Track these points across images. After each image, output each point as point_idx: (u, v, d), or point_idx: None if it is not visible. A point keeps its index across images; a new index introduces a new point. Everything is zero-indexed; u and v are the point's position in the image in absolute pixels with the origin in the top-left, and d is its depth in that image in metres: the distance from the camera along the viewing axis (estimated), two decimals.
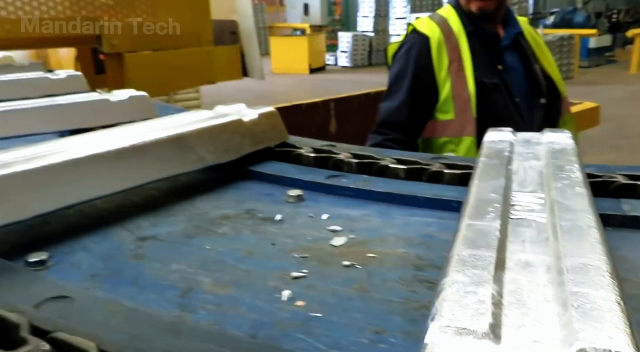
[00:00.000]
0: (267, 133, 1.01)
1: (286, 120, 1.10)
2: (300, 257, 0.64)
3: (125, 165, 0.78)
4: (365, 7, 15.67)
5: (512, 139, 0.82)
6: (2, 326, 0.45)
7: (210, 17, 2.30)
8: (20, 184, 0.68)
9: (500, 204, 0.55)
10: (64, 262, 0.64)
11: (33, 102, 1.20)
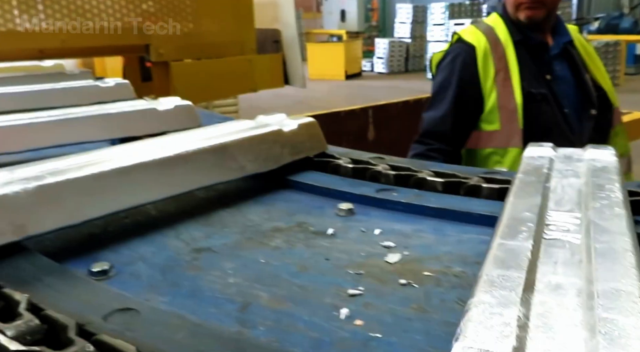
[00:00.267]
0: (307, 143, 1.03)
1: (324, 127, 1.11)
2: (355, 273, 0.64)
3: (169, 173, 0.81)
4: (403, 14, 15.60)
5: (552, 155, 0.81)
6: (52, 327, 0.48)
7: (254, 26, 2.33)
8: (72, 190, 0.71)
9: (535, 223, 0.55)
10: (124, 272, 0.65)
11: (85, 111, 1.25)
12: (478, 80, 1.79)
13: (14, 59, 2.20)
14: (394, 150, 4.51)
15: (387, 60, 15.44)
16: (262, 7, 2.37)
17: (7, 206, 0.65)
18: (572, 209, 0.60)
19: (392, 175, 0.91)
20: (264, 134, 0.96)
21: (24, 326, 0.48)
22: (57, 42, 1.90)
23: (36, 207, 0.67)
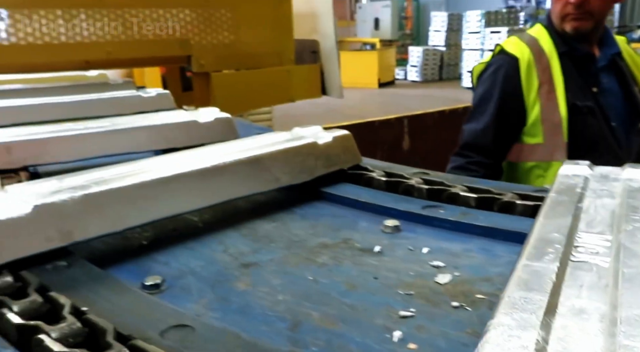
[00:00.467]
0: (341, 156, 1.04)
1: (359, 137, 1.11)
2: (406, 294, 0.63)
3: (206, 183, 0.84)
4: (437, 22, 15.48)
5: (587, 174, 0.78)
6: (93, 330, 0.50)
7: (292, 37, 2.35)
8: (115, 199, 0.74)
9: (563, 244, 0.54)
10: (175, 286, 0.66)
11: (129, 122, 1.29)
12: (521, 92, 1.75)
13: (61, 70, 2.28)
14: (429, 160, 4.50)
15: (421, 68, 15.34)
16: (301, 18, 2.39)
17: (55, 214, 0.68)
18: (603, 231, 0.59)
19: (435, 191, 0.90)
20: (299, 146, 0.98)
21: (67, 329, 0.50)
22: (103, 53, 1.96)
23: (82, 215, 0.70)
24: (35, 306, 0.55)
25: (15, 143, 1.11)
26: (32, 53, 1.84)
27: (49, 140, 1.14)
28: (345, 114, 9.39)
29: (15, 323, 0.51)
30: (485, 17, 13.38)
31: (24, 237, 0.65)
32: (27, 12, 1.78)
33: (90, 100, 1.76)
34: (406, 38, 18.69)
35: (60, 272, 0.63)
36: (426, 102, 11.75)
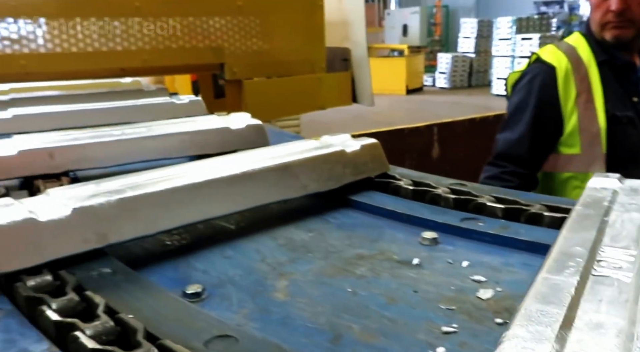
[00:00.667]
0: (369, 164, 1.05)
1: (388, 144, 1.10)
2: (447, 308, 0.62)
3: (236, 189, 0.86)
4: (467, 28, 15.33)
5: (617, 187, 0.76)
6: (124, 330, 0.53)
7: (324, 45, 2.36)
8: (149, 203, 0.77)
9: (585, 258, 0.53)
10: (215, 295, 0.66)
11: (165, 130, 1.32)
12: (558, 102, 1.72)
13: (98, 77, 2.34)
14: (459, 168, 4.44)
15: (450, 75, 15.20)
16: (332, 26, 2.40)
17: (92, 216, 0.71)
18: (627, 245, 0.58)
19: (476, 204, 0.88)
20: (327, 154, 0.99)
21: (101, 327, 0.53)
22: (139, 61, 2.00)
23: (117, 218, 0.73)
24: (72, 304, 0.58)
25: (57, 148, 1.15)
26: (71, 61, 1.89)
27: (88, 146, 1.19)
28: (372, 120, 9.35)
29: (53, 320, 0.54)
30: (516, 23, 13.19)
31: (63, 238, 0.68)
32: (66, 21, 1.83)
33: (125, 106, 1.81)
34: (435, 44, 18.55)
35: (105, 279, 0.64)
36: (455, 109, 11.63)
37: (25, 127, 1.51)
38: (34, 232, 0.66)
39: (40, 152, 1.12)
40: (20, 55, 1.79)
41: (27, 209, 0.68)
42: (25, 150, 1.11)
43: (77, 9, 1.86)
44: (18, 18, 1.77)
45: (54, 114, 1.68)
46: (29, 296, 0.59)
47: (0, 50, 1.75)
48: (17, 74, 1.85)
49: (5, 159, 1.08)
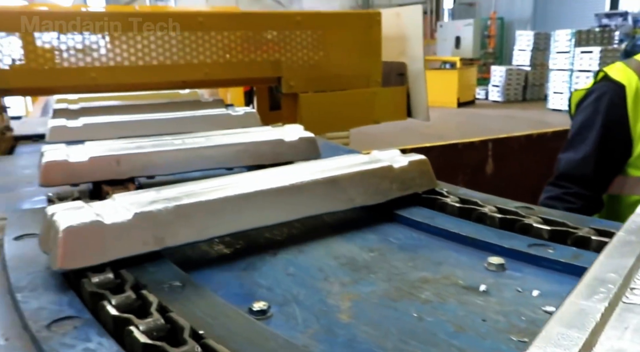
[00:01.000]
0: (416, 180, 1.06)
1: (440, 159, 1.10)
2: (519, 341, 0.60)
3: (284, 200, 0.90)
4: (523, 41, 14.95)
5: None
6: (173, 328, 0.57)
7: (380, 60, 2.36)
8: (203, 210, 0.81)
9: (617, 285, 0.52)
10: (280, 313, 0.67)
11: (222, 141, 1.38)
12: (627, 121, 1.64)
13: (161, 89, 2.43)
14: (513, 185, 4.28)
15: (504, 88, 14.84)
16: (389, 41, 2.40)
17: (151, 221, 0.76)
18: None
19: (545, 231, 0.85)
20: (374, 169, 1.01)
21: (153, 324, 0.57)
22: (200, 74, 2.06)
23: (173, 223, 0.78)
24: (129, 301, 0.63)
25: (123, 156, 1.22)
26: (137, 73, 1.97)
27: (152, 154, 1.26)
28: (421, 133, 9.24)
29: (112, 315, 0.58)
30: (575, 36, 12.74)
31: (125, 240, 0.74)
32: (133, 36, 1.92)
33: (185, 117, 1.89)
34: (488, 57, 18.19)
35: (175, 293, 0.66)
36: (508, 123, 11.33)
37: (94, 135, 1.59)
38: (99, 233, 0.72)
39: (108, 158, 1.20)
40: (91, 68, 1.88)
41: (94, 212, 0.74)
42: (95, 157, 1.18)
43: (144, 25, 1.94)
44: (90, 33, 1.86)
45: (120, 123, 1.78)
46: (93, 291, 0.64)
47: (73, 63, 1.85)
48: (87, 86, 1.95)
49: (77, 165, 1.16)
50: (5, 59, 1.76)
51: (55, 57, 1.83)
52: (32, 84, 1.85)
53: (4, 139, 1.99)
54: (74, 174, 1.16)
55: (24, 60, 1.79)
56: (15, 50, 1.77)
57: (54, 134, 1.61)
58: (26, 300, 0.65)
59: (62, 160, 1.15)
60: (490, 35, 18.47)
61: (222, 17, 2.20)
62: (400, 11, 2.51)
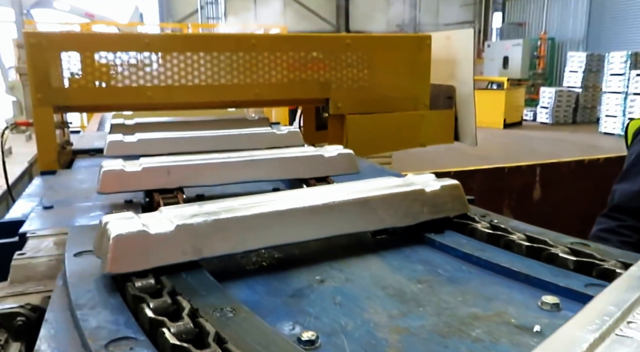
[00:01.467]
0: (448, 204, 1.08)
1: (486, 182, 1.09)
2: None
3: (316, 218, 0.96)
4: (575, 62, 14.55)
5: None
6: (200, 332, 0.62)
7: (429, 83, 2.35)
8: (238, 225, 0.88)
9: (614, 318, 0.52)
10: (329, 344, 0.67)
11: (263, 155, 1.48)
12: None
13: (213, 108, 2.50)
14: (561, 212, 4.13)
15: (552, 110, 14.45)
16: (438, 64, 2.38)
17: (191, 233, 0.83)
18: None
19: (603, 270, 0.82)
20: (406, 192, 1.05)
21: (183, 327, 0.63)
22: (251, 95, 2.11)
23: (211, 236, 0.85)
24: (165, 305, 0.69)
25: (173, 167, 1.35)
26: (190, 93, 2.03)
27: (199, 166, 1.38)
28: (465, 153, 9.06)
29: (149, 317, 0.64)
30: (631, 58, 12.31)
31: (167, 249, 0.81)
32: (189, 57, 1.98)
33: (232, 135, 1.98)
34: (537, 78, 17.78)
35: (227, 319, 0.67)
36: (557, 146, 11.00)
37: (148, 149, 1.72)
38: (144, 242, 0.79)
39: (159, 169, 1.33)
40: (148, 87, 1.95)
41: (142, 222, 0.82)
42: (148, 167, 1.32)
43: (200, 46, 2.01)
44: (148, 54, 1.94)
45: (172, 139, 1.88)
46: (135, 294, 0.71)
47: (132, 84, 1.93)
48: (144, 104, 2.02)
49: (132, 174, 1.30)
50: (68, 77, 1.86)
51: (114, 76, 1.91)
52: (92, 102, 1.94)
53: (64, 153, 2.08)
54: (129, 182, 1.29)
55: (85, 79, 1.88)
56: (76, 69, 1.87)
57: (111, 149, 1.73)
58: (85, 318, 0.67)
59: (119, 170, 1.29)
60: (540, 55, 18.07)
61: (274, 39, 2.25)
62: (451, 34, 2.50)
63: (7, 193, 2.77)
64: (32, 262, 0.94)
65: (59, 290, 0.79)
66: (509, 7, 20.59)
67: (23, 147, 4.62)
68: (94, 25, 9.22)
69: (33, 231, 1.10)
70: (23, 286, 0.88)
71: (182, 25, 14.16)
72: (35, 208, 1.31)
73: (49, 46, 1.82)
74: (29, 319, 0.79)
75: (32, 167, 3.99)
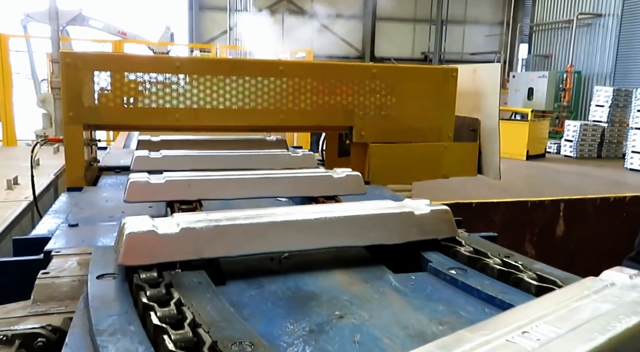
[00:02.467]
0: (435, 226, 1.17)
1: (508, 215, 1.09)
2: None
3: (304, 231, 1.06)
4: (601, 96, 14.39)
5: (620, 281, 0.78)
6: (197, 341, 0.67)
7: (453, 115, 2.35)
8: (237, 232, 1.00)
9: (512, 326, 0.60)
10: None
11: (275, 174, 1.62)
12: None
13: (238, 131, 2.53)
14: (585, 250, 4.04)
15: (577, 143, 14.25)
16: (464, 96, 2.38)
17: (194, 236, 0.96)
18: (563, 325, 0.62)
19: None
20: (396, 213, 1.15)
21: (168, 312, 0.72)
22: (276, 120, 2.13)
23: (211, 239, 0.97)
24: (159, 295, 0.80)
25: (193, 181, 1.48)
26: (217, 117, 2.07)
27: (217, 181, 1.51)
28: (486, 182, 8.98)
29: (143, 302, 0.75)
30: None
31: (171, 248, 0.93)
32: (217, 82, 2.02)
33: (250, 155, 2.10)
34: (562, 110, 17.61)
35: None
36: (581, 180, 10.81)
37: (171, 165, 1.83)
38: (152, 240, 0.92)
39: (180, 182, 1.47)
40: (175, 109, 1.99)
41: (153, 224, 0.95)
42: (170, 180, 1.45)
43: (229, 71, 2.05)
44: (179, 76, 1.98)
45: (193, 156, 2.00)
46: (138, 284, 0.82)
47: (161, 105, 1.97)
48: (171, 126, 2.06)
49: (155, 186, 1.42)
50: (99, 97, 1.91)
51: (143, 97, 1.96)
52: (121, 121, 1.99)
53: (91, 169, 2.12)
54: (153, 193, 1.43)
55: (115, 100, 1.93)
56: (108, 89, 1.92)
57: (138, 163, 1.87)
58: (105, 345, 0.67)
59: (144, 181, 1.42)
60: (565, 88, 17.92)
61: (301, 66, 2.28)
62: (477, 67, 2.50)
63: (32, 204, 2.83)
64: (56, 282, 0.95)
65: (80, 313, 0.80)
66: (535, 39, 20.57)
67: (50, 159, 4.72)
68: (125, 43, 9.46)
69: (58, 249, 1.11)
70: (45, 306, 0.89)
71: (211, 46, 14.47)
72: (61, 225, 1.33)
73: (83, 66, 1.88)
74: (50, 341, 0.80)
75: (57, 179, 4.07)
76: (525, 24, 20.79)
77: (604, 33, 17.59)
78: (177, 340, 0.66)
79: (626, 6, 16.73)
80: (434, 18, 20.55)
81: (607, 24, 17.45)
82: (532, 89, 16.87)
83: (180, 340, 0.66)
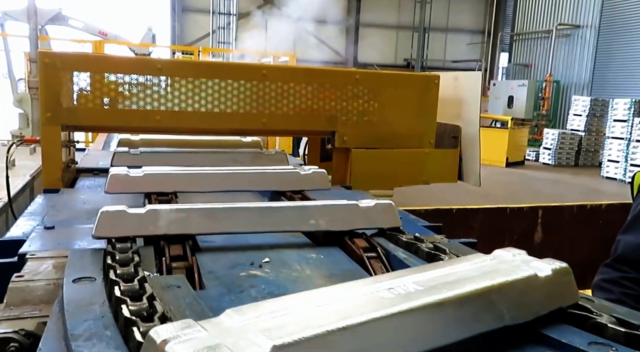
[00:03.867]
0: (380, 216, 1.30)
1: (487, 222, 1.10)
2: None
3: (258, 216, 1.25)
4: (579, 105, 14.69)
5: (502, 258, 0.87)
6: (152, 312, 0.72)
7: (435, 121, 2.37)
8: (192, 214, 1.17)
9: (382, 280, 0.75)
10: None
11: (245, 170, 1.72)
12: None
13: (219, 134, 2.51)
14: (562, 257, 4.06)
15: (555, 151, 14.50)
16: (446, 103, 2.41)
17: (157, 215, 1.13)
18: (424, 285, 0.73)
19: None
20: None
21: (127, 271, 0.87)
22: (258, 124, 2.13)
23: (171, 219, 1.14)
24: (127, 259, 0.95)
25: (169, 175, 1.61)
26: (198, 119, 2.05)
27: (190, 175, 1.63)
28: (465, 189, 9.08)
29: (108, 263, 0.91)
30: (635, 105, 12.42)
31: (138, 224, 1.11)
32: (198, 84, 2.01)
33: (223, 152, 2.25)
34: (541, 119, 17.92)
35: None
36: (558, 188, 11.00)
37: (149, 161, 1.92)
38: (122, 218, 1.10)
39: (157, 175, 1.58)
40: (156, 111, 1.97)
41: (126, 209, 1.11)
42: (148, 173, 1.56)
43: (211, 74, 2.04)
44: (160, 78, 1.97)
45: (170, 153, 2.16)
46: (110, 251, 0.98)
47: (142, 107, 1.95)
48: (152, 127, 2.04)
49: (135, 178, 1.54)
50: (78, 98, 1.88)
51: (124, 99, 1.93)
52: (101, 122, 1.96)
53: (68, 171, 2.09)
54: (131, 185, 1.53)
55: (95, 101, 1.90)
56: (87, 90, 1.89)
57: (118, 160, 2.00)
58: (80, 350, 0.66)
59: (124, 174, 1.53)
60: (544, 97, 18.24)
61: (285, 70, 2.28)
62: (459, 75, 2.53)
63: (7, 206, 2.76)
64: (30, 285, 0.93)
65: (55, 317, 0.78)
66: (515, 48, 20.90)
67: (26, 159, 4.63)
68: (106, 44, 9.35)
69: (33, 252, 1.09)
70: (19, 310, 0.87)
71: (193, 49, 14.38)
72: (37, 228, 1.30)
73: (62, 66, 1.85)
74: (22, 346, 0.78)
75: (34, 180, 3.99)
76: (506, 33, 21.12)
77: (582, 44, 17.95)
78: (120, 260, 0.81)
79: (604, 18, 17.12)
80: (416, 25, 20.75)
81: (585, 35, 17.82)
82: (512, 97, 17.13)
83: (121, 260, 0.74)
